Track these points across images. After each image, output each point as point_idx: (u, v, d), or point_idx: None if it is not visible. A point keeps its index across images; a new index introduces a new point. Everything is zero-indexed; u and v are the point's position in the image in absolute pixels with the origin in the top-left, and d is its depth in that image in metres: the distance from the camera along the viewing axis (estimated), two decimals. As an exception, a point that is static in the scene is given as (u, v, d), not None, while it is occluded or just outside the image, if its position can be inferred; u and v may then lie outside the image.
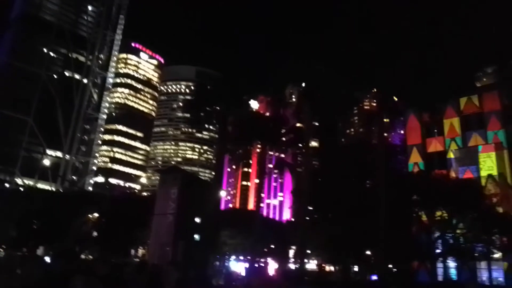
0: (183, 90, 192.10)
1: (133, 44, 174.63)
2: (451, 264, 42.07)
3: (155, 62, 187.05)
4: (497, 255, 37.94)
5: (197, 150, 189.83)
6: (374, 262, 37.92)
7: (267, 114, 45.38)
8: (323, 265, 54.99)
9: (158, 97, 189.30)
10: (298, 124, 43.60)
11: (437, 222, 34.10)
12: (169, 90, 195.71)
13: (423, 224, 34.79)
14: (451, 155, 47.91)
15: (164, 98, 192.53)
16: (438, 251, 35.70)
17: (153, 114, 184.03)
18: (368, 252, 40.33)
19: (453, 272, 42.58)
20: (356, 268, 52.99)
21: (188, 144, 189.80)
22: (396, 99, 54.86)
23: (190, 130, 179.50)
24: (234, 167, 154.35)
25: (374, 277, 35.36)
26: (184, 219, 23.56)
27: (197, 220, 25.17)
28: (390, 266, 37.94)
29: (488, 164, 44.47)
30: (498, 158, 43.85)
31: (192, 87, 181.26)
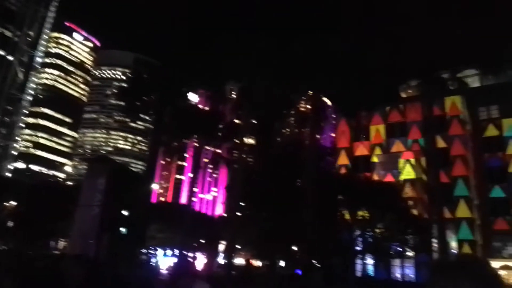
0: (118, 77, 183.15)
1: (66, 23, 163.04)
2: (369, 261, 45.19)
3: (90, 44, 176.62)
4: (410, 253, 41.38)
5: (130, 140, 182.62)
6: (299, 257, 39.53)
7: (206, 108, 45.23)
8: (250, 260, 56.03)
9: (91, 81, 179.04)
10: (236, 120, 43.97)
11: (358, 221, 36.34)
12: (104, 75, 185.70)
13: (346, 222, 36.86)
14: (375, 159, 51.32)
15: (98, 83, 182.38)
16: (358, 248, 38.08)
17: (84, 99, 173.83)
18: (294, 248, 41.93)
19: (370, 268, 45.75)
20: (282, 263, 54.66)
21: (121, 134, 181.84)
22: (329, 103, 57.42)
23: (123, 118, 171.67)
24: (168, 159, 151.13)
25: (298, 272, 36.80)
26: (111, 211, 22.70)
27: (125, 212, 24.39)
28: (314, 261, 39.76)
29: (407, 170, 48.30)
30: (416, 164, 47.84)
31: (129, 74, 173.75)
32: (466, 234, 43.56)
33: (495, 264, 44.43)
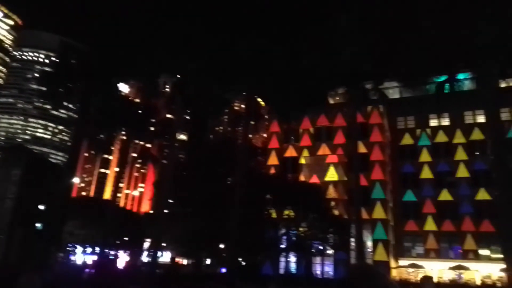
0: (41, 60, 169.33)
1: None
2: (292, 258, 46.94)
3: (10, 22, 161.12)
4: (330, 251, 43.71)
5: (50, 129, 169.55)
6: (225, 256, 39.87)
7: (137, 100, 43.62)
8: (176, 258, 55.28)
9: (10, 63, 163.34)
10: (168, 115, 43.02)
11: (284, 220, 37.63)
12: (25, 57, 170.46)
13: (272, 221, 37.95)
14: (303, 161, 53.46)
15: (17, 65, 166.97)
16: (282, 246, 39.41)
17: (0, 81, 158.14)
18: (221, 246, 42.21)
19: (293, 265, 47.54)
20: (208, 261, 54.62)
21: (40, 121, 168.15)
22: (263, 104, 58.57)
23: (44, 105, 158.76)
24: (92, 152, 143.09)
25: (224, 270, 37.12)
26: (25, 205, 21.08)
27: (41, 207, 22.79)
28: (240, 259, 40.39)
29: (331, 172, 51.03)
30: (340, 167, 50.70)
31: (53, 58, 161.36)
32: (380, 234, 47.10)
33: (405, 262, 48.71)
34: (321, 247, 40.86)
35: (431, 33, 18.95)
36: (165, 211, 39.02)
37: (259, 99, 48.86)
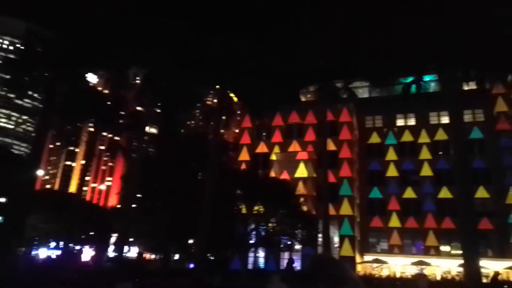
0: (5, 47, 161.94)
1: None
2: (261, 253, 47.34)
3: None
4: (298, 246, 44.35)
5: (14, 119, 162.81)
6: (194, 251, 39.70)
7: (106, 91, 42.48)
8: (143, 253, 54.51)
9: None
10: (138, 108, 42.21)
11: (254, 215, 37.83)
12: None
13: (242, 216, 38.08)
14: (274, 157, 53.86)
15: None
16: (251, 241, 39.62)
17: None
18: (190, 241, 41.99)
19: (261, 261, 47.95)
20: (177, 257, 54.23)
21: (3, 110, 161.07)
22: (236, 100, 58.53)
23: (8, 94, 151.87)
24: (58, 144, 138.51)
25: (192, 265, 37.00)
26: (-16, 196, 20.18)
27: (2, 199, 21.88)
28: (209, 254, 40.31)
29: (301, 169, 51.69)
30: (310, 164, 51.44)
31: (18, 45, 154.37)
32: (347, 230, 48.23)
33: (369, 257, 50.12)
34: (289, 242, 41.38)
35: (399, 35, 19.53)
36: (133, 205, 38.38)
37: (231, 94, 48.70)
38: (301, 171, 51.54)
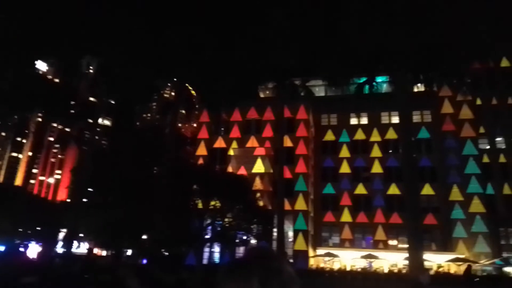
0: None
1: None
2: (216, 248, 47.31)
3: None
4: (253, 241, 44.75)
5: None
6: (148, 246, 38.96)
7: (56, 80, 40.53)
8: (94, 249, 52.70)
9: None
10: (91, 99, 40.67)
11: (210, 210, 37.67)
12: None
13: (198, 211, 37.80)
14: (231, 152, 53.90)
15: None
16: (207, 236, 39.46)
17: None
18: (144, 237, 41.08)
19: (216, 256, 47.95)
20: (129, 252, 52.93)
21: None
22: (194, 93, 57.80)
23: None
24: (3, 134, 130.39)
25: (145, 261, 36.31)
26: None
27: None
28: (163, 250, 39.71)
29: (258, 164, 52.15)
30: (267, 159, 52.01)
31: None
32: (301, 224, 49.35)
33: (322, 251, 51.62)
34: (245, 237, 41.63)
35: (353, 36, 20.19)
36: (84, 199, 36.97)
37: (190, 88, 48.09)
38: (258, 167, 52.00)
